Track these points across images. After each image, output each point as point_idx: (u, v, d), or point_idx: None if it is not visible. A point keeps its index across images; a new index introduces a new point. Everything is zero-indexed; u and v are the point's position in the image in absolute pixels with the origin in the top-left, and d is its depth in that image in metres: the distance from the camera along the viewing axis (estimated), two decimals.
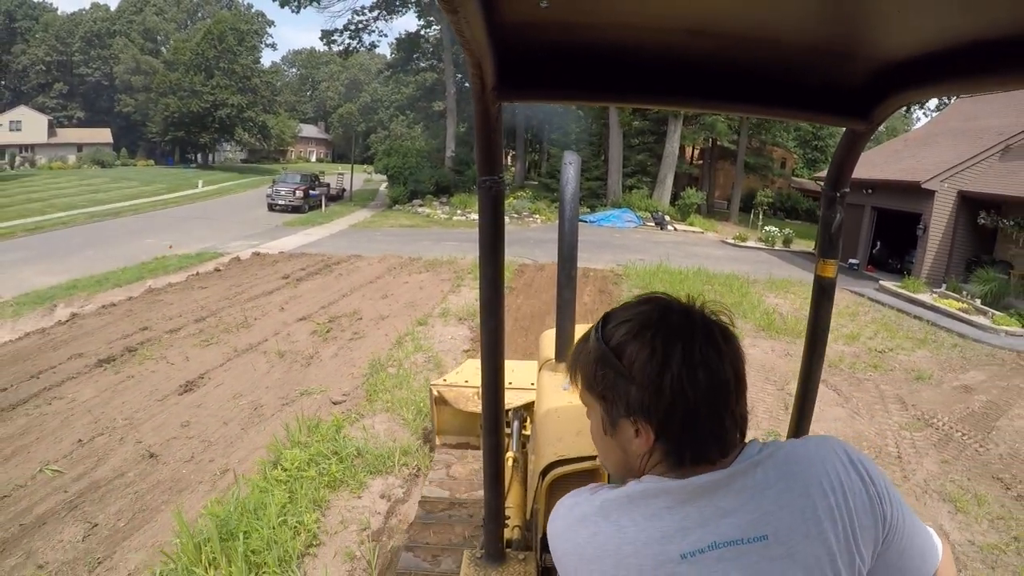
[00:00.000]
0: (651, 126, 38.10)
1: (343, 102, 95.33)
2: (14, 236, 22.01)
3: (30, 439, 6.32)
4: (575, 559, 1.04)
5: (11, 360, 8.78)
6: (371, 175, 55.82)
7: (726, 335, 1.05)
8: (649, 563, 0.97)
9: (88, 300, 12.56)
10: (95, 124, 70.14)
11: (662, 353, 1.01)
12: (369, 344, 9.64)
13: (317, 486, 5.12)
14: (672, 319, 1.05)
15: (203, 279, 14.75)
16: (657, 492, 1.02)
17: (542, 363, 3.21)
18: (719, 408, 1.02)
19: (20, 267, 16.15)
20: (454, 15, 1.00)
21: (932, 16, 1.20)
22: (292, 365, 8.63)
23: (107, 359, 8.71)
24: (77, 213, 28.92)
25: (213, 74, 62.62)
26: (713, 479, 1.01)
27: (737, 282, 16.31)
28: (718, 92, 1.60)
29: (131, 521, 4.90)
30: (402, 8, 41.82)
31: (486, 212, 1.76)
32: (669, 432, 1.03)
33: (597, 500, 1.07)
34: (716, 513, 0.99)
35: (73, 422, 6.72)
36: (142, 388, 7.69)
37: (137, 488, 5.38)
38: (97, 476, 5.58)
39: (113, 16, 77.74)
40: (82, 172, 53.13)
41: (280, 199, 32.05)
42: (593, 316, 7.69)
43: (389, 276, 15.58)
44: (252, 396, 7.46)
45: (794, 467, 1.03)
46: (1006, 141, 19.54)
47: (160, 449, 6.07)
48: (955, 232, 19.44)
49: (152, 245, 19.93)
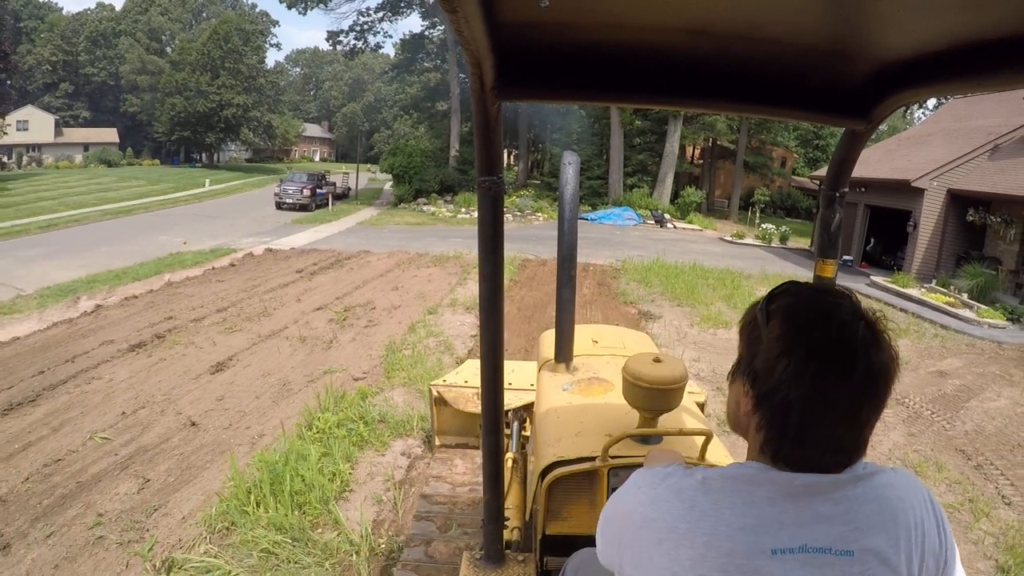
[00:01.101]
0: (652, 126, 38.80)
1: (346, 102, 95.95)
2: (28, 233, 22.53)
3: (75, 413, 6.90)
4: (662, 530, 1.05)
5: (43, 347, 9.31)
6: (375, 174, 56.35)
7: (875, 359, 1.01)
8: (741, 549, 0.99)
9: (110, 293, 13.05)
10: (100, 124, 70.68)
11: (791, 342, 1.03)
12: (384, 330, 10.27)
13: (347, 444, 5.79)
14: (829, 321, 1.03)
15: (219, 273, 15.32)
16: (762, 481, 1.04)
17: (541, 363, 3.23)
18: (827, 415, 1.01)
19: (39, 262, 16.61)
20: (453, 15, 1.03)
21: (930, 17, 1.22)
22: (313, 348, 9.25)
23: (138, 344, 9.28)
24: (89, 211, 29.45)
25: (219, 74, 63.08)
26: (816, 481, 1.02)
27: (731, 276, 16.91)
28: (717, 92, 1.64)
29: (180, 477, 5.53)
30: (407, 9, 42.36)
31: (485, 212, 1.78)
32: (766, 413, 1.05)
33: (697, 475, 1.09)
34: (813, 517, 1.00)
35: (114, 398, 7.31)
36: (175, 369, 8.29)
37: (182, 451, 6.02)
38: (144, 442, 6.19)
39: (118, 16, 77.93)
40: (89, 171, 53.68)
41: (288, 197, 32.69)
42: (592, 308, 8.46)
43: (398, 270, 16.23)
44: (279, 375, 8.09)
45: (889, 494, 1.05)
46: (995, 141, 20.08)
47: (200, 419, 6.70)
48: (945, 229, 19.98)
49: (166, 242, 20.50)
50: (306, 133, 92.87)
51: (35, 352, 9.07)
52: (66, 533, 4.69)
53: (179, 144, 69.33)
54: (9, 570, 4.23)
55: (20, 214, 26.91)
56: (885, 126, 44.63)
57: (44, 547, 4.50)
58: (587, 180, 37.41)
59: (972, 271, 17.17)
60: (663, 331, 11.18)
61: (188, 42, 66.21)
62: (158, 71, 68.83)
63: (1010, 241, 18.24)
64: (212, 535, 4.53)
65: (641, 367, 2.14)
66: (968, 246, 19.79)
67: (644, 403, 2.19)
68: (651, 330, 11.12)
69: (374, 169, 59.47)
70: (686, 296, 14.02)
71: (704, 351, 10.13)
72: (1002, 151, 19.76)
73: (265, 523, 4.47)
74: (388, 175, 38.73)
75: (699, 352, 10.04)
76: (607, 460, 2.11)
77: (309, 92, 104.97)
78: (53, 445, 6.13)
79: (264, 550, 4.23)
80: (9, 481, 5.38)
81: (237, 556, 4.24)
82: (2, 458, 5.77)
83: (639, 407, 2.23)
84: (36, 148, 61.75)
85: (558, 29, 1.39)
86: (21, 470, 5.59)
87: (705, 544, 1.00)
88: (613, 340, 3.52)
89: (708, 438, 2.13)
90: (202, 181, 47.11)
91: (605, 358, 3.16)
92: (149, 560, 4.29)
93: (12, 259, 16.95)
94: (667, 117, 36.37)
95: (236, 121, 65.64)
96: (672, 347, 10.10)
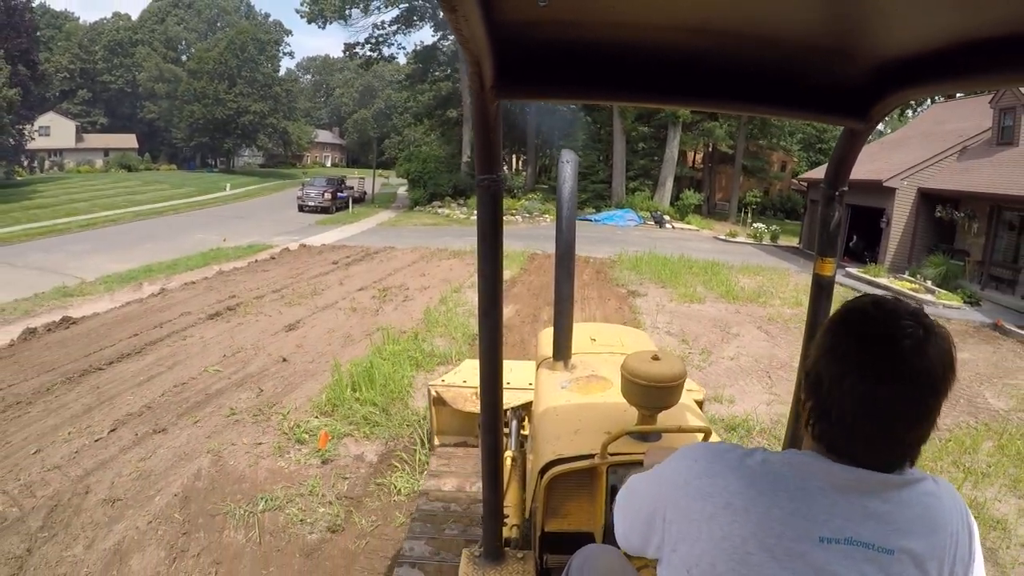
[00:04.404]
0: (653, 132, 40.56)
1: (357, 108, 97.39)
2: (70, 231, 24.26)
3: (181, 357, 8.79)
4: (717, 505, 1.09)
5: (124, 319, 10.93)
6: (388, 179, 58.24)
7: (921, 368, 1.03)
8: (790, 534, 1.03)
9: (168, 280, 14.74)
10: (118, 130, 72.17)
11: (838, 342, 1.10)
12: (418, 303, 12.30)
13: (407, 364, 7.91)
14: (877, 327, 1.07)
15: (263, 265, 17.18)
16: (816, 470, 1.08)
17: (540, 361, 3.24)
18: (868, 417, 1.05)
19: (89, 256, 18.27)
20: (453, 13, 1.04)
21: (928, 15, 1.24)
22: (364, 315, 11.29)
23: (215, 314, 11.18)
24: (122, 212, 31.36)
25: (235, 82, 65.12)
26: (868, 478, 1.06)
27: (714, 266, 18.86)
28: (716, 91, 1.63)
29: (285, 388, 7.56)
30: (420, 22, 44.18)
31: (485, 210, 1.80)
32: (815, 406, 1.12)
33: (758, 457, 1.13)
34: (861, 512, 1.04)
35: (211, 348, 9.24)
36: (254, 329, 10.26)
37: (281, 375, 8.04)
38: (248, 371, 8.18)
39: (135, 25, 79.55)
40: (111, 175, 55.63)
41: (310, 200, 34.75)
42: (589, 289, 11.13)
43: (422, 262, 18.21)
44: (342, 331, 10.14)
45: (932, 502, 1.09)
46: (964, 142, 21.80)
47: (288, 357, 8.73)
48: (916, 225, 21.66)
49: (203, 239, 22.26)
50: (318, 139, 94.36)
51: (120, 323, 10.67)
52: (208, 420, 6.65)
53: (197, 150, 71.15)
54: (171, 442, 6.11)
55: (57, 214, 28.83)
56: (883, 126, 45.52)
57: (194, 428, 6.44)
58: (591, 184, 39.38)
59: (936, 261, 19.04)
60: (646, 304, 13.30)
61: (205, 51, 67.97)
62: (175, 79, 70.54)
63: (975, 234, 19.70)
64: (320, 414, 6.59)
65: (639, 364, 2.17)
66: (939, 240, 21.30)
67: (643, 400, 2.22)
68: (636, 304, 13.24)
69: (385, 175, 61.43)
70: (670, 280, 16.07)
71: (677, 317, 12.26)
72: (969, 152, 21.46)
73: (361, 401, 6.59)
74: (400, 180, 40.41)
75: (672, 318, 12.18)
76: (606, 457, 2.12)
77: (320, 99, 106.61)
78: (174, 376, 8.01)
79: (363, 417, 6.35)
80: (149, 396, 7.28)
81: (341, 422, 6.30)
82: (135, 385, 7.65)
83: (638, 404, 2.26)
84: (58, 153, 63.73)
85: (557, 28, 1.39)
86: (155, 390, 7.49)
87: (757, 523, 1.04)
88: (611, 338, 3.58)
89: (707, 435, 2.14)
90: (222, 185, 48.82)
91: (603, 356, 3.20)
92: (279, 428, 6.30)
93: (63, 253, 18.68)
94: (667, 124, 38.18)
95: (253, 128, 67.60)
96: (652, 316, 12.17)
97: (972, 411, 8.09)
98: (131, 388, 7.52)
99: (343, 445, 6.03)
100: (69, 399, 7.12)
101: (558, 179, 2.91)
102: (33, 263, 17.01)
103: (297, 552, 4.42)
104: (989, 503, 5.59)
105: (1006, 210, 18.54)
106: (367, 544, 4.54)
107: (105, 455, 5.76)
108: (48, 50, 72.51)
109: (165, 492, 5.13)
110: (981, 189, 18.49)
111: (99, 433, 6.21)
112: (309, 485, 5.24)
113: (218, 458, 5.73)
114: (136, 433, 6.24)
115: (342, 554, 4.42)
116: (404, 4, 42.74)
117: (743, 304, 13.93)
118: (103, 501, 4.98)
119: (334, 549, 4.47)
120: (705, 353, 9.89)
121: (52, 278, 14.54)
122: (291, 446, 5.98)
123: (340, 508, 4.93)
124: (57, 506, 4.88)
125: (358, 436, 6.17)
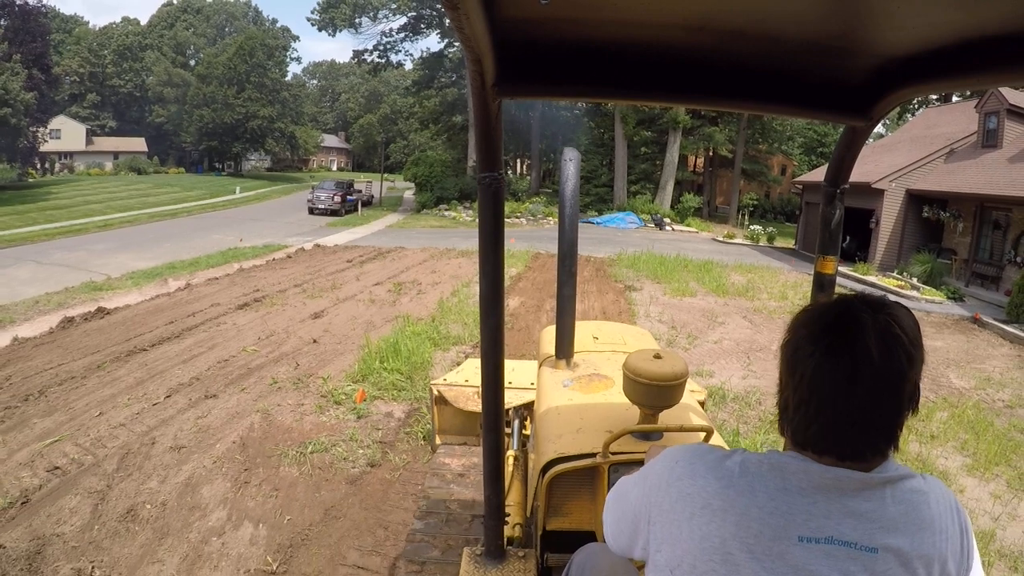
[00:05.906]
0: (654, 136, 41.39)
1: (363, 113, 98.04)
2: (88, 232, 24.88)
3: (219, 340, 9.64)
4: (696, 505, 1.10)
5: (157, 310, 11.59)
6: (394, 183, 59.04)
7: (883, 364, 1.04)
8: (768, 533, 1.03)
9: (192, 276, 15.44)
10: (126, 133, 72.94)
11: (806, 342, 1.10)
12: (432, 296, 13.24)
13: (427, 343, 8.89)
14: (839, 324, 1.08)
15: (280, 263, 18.04)
16: (795, 470, 1.08)
17: (542, 359, 3.24)
18: (835, 414, 1.06)
19: (111, 255, 18.95)
20: (454, 11, 1.03)
21: (929, 14, 1.23)
22: (382, 306, 12.23)
23: (243, 304, 12.05)
24: (136, 214, 32.07)
25: (244, 87, 65.82)
26: (848, 477, 1.06)
27: (708, 265, 19.76)
28: (717, 89, 1.65)
29: (319, 363, 8.49)
30: (427, 30, 45.20)
31: (486, 208, 1.78)
32: (789, 406, 1.13)
33: (737, 457, 1.14)
34: (842, 511, 1.04)
35: (245, 332, 10.11)
36: (282, 317, 11.17)
37: (314, 352, 8.98)
38: (283, 351, 9.10)
39: (144, 30, 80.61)
40: (122, 178, 56.44)
41: (320, 203, 35.62)
42: (589, 284, 12.45)
43: (432, 261, 19.14)
44: (364, 319, 11.08)
45: (918, 499, 1.08)
46: (951, 145, 22.61)
47: (318, 339, 9.66)
48: (904, 225, 22.45)
49: (220, 239, 23.04)
50: (324, 143, 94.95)
51: (152, 313, 11.32)
52: (253, 388, 7.58)
53: (205, 153, 71.87)
54: (223, 404, 7.00)
55: (74, 215, 29.59)
56: (881, 127, 45.99)
57: (241, 395, 7.36)
58: (594, 187, 40.34)
59: (921, 259, 19.88)
60: (641, 297, 14.28)
61: (214, 56, 68.72)
62: (184, 84, 71.43)
63: (961, 234, 20.52)
64: (353, 382, 7.56)
65: (641, 363, 2.16)
66: (927, 239, 22.06)
67: (645, 399, 2.21)
68: (632, 297, 14.22)
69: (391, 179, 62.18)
70: (665, 277, 17.04)
71: (668, 308, 13.25)
72: (956, 154, 22.29)
73: (388, 370, 7.59)
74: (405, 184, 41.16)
75: (664, 309, 13.16)
76: (608, 456, 2.12)
77: (326, 103, 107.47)
78: (215, 355, 8.86)
79: (390, 383, 7.33)
80: (195, 371, 8.16)
81: (372, 388, 7.30)
82: (181, 362, 8.53)
83: (640, 403, 2.25)
84: (68, 156, 64.61)
85: (558, 26, 1.39)
86: (200, 366, 8.37)
87: (736, 523, 1.05)
88: (613, 336, 3.58)
89: (709, 434, 2.14)
90: (232, 188, 49.63)
91: (606, 354, 3.21)
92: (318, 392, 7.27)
93: (85, 252, 19.34)
94: (668, 129, 39.07)
95: (261, 132, 68.23)
96: (646, 307, 13.09)
97: (934, 389, 8.96)
98: (177, 364, 8.39)
99: (374, 405, 7.01)
100: (120, 374, 7.95)
101: (560, 177, 2.91)
102: (58, 260, 17.56)
103: (343, 481, 5.37)
104: (936, 459, 6.49)
105: (990, 209, 19.31)
106: (400, 475, 5.50)
107: (165, 415, 6.67)
108: (58, 54, 72.75)
109: (224, 440, 6.06)
110: (966, 190, 19.28)
111: (156, 399, 7.10)
112: (348, 433, 6.21)
113: (267, 415, 6.66)
114: (190, 399, 7.15)
115: (380, 482, 5.38)
116: (412, 12, 43.64)
117: (732, 298, 14.91)
118: (170, 448, 5.89)
119: (373, 479, 5.43)
120: (691, 338, 10.86)
121: (79, 274, 15.18)
122: (330, 406, 6.94)
123: (377, 450, 5.91)
124: (128, 453, 5.76)
125: (387, 398, 7.15)
